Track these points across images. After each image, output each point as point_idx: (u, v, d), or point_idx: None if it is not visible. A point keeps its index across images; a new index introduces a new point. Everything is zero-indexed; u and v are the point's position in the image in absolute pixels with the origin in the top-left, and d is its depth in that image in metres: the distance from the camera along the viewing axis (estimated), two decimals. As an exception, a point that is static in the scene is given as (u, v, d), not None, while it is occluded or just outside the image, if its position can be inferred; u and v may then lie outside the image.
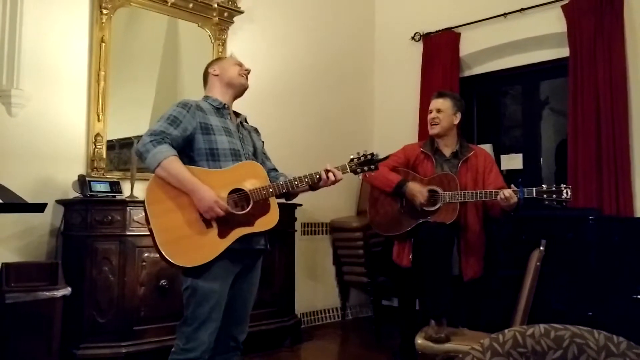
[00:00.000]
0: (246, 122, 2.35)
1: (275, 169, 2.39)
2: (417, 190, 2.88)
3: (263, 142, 2.41)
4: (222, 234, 2.01)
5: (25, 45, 3.09)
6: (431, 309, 2.58)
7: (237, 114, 2.32)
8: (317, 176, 2.18)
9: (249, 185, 2.09)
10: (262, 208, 2.10)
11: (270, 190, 2.10)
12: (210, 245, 1.99)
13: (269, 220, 2.12)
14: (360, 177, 2.82)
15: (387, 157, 2.38)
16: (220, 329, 2.09)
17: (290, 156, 3.88)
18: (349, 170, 2.25)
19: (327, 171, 2.19)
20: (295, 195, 2.28)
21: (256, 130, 2.42)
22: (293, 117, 4.50)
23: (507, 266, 3.27)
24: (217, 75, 2.28)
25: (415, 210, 2.92)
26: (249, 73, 2.32)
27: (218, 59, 2.44)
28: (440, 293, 2.60)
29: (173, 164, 1.98)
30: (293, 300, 3.95)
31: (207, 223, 2.00)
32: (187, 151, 2.10)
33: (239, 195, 2.07)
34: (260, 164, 2.24)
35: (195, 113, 2.12)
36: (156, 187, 2.00)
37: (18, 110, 3.08)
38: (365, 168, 2.26)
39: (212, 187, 2.00)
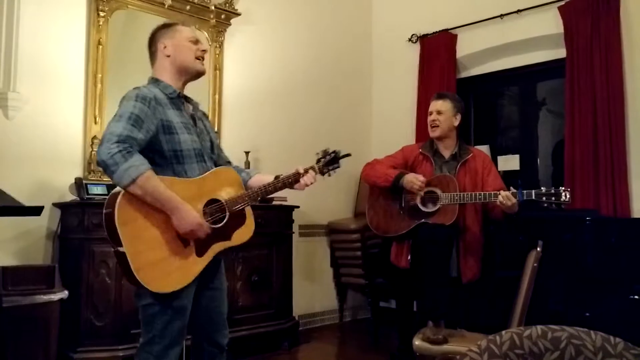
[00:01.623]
0: (199, 109, 2.08)
1: (229, 162, 2.20)
2: (414, 177, 2.88)
3: (215, 131, 2.21)
4: (200, 252, 1.86)
5: (22, 48, 3.09)
6: (429, 311, 2.58)
7: (187, 99, 2.03)
8: (290, 180, 2.08)
9: (224, 194, 1.94)
10: (237, 219, 1.96)
11: (247, 199, 1.97)
12: (188, 266, 1.84)
13: (246, 232, 2.00)
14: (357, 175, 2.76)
15: (348, 155, 2.30)
16: (202, 340, 2.02)
17: (287, 158, 3.89)
18: (317, 172, 2.15)
19: (299, 174, 2.08)
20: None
21: (205, 115, 2.15)
22: (290, 118, 4.50)
23: (504, 267, 3.27)
24: (168, 56, 1.96)
25: (414, 211, 2.92)
26: (205, 53, 2.01)
27: (169, 27, 2.01)
28: (439, 294, 2.60)
29: (150, 181, 1.72)
30: (291, 303, 3.95)
31: (185, 241, 1.83)
32: (146, 153, 1.81)
33: (214, 207, 1.91)
34: (216, 158, 2.10)
35: (156, 109, 1.85)
36: (127, 204, 1.73)
37: (15, 113, 3.07)
38: (330, 167, 2.19)
39: (188, 199, 1.82)
